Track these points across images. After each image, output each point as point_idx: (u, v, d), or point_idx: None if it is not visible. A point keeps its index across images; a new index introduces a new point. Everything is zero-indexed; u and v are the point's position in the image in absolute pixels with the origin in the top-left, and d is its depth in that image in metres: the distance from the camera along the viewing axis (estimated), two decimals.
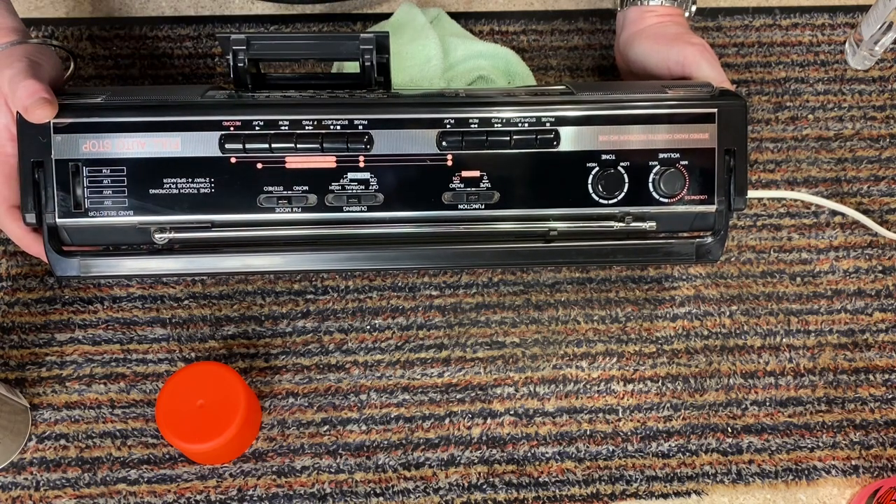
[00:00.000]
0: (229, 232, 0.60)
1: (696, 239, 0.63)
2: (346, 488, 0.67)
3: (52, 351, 0.71)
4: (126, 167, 0.59)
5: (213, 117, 0.59)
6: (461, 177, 0.61)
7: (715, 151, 0.62)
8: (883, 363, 0.72)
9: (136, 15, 0.87)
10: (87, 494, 0.66)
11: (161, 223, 0.60)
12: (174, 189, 0.60)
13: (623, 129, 0.61)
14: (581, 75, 0.84)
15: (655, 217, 0.63)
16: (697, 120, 0.61)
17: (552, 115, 0.60)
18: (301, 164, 0.60)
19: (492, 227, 0.62)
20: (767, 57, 0.86)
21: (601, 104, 0.61)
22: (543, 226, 0.62)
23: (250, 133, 0.59)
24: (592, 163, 0.61)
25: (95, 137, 0.59)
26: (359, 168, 0.60)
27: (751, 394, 0.71)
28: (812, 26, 0.87)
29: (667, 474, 0.68)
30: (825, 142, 0.81)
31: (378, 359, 0.71)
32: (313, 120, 0.59)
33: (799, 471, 0.68)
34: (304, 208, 0.60)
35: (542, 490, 0.67)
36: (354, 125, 0.59)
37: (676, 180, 0.61)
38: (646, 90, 0.64)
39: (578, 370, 0.71)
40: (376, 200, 0.60)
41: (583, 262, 0.69)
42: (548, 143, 0.60)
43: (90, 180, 0.60)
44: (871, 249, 0.77)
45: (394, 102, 0.61)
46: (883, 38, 0.81)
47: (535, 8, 0.88)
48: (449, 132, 0.60)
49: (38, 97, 0.58)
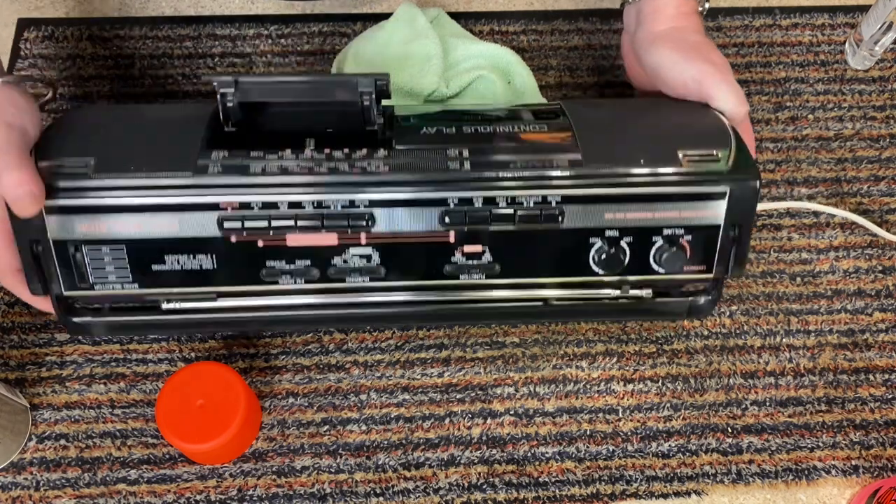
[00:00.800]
0: (234, 301, 0.62)
1: (689, 298, 0.65)
2: (346, 488, 0.67)
3: (52, 351, 0.71)
4: (126, 246, 0.59)
5: (209, 199, 0.57)
6: (463, 251, 0.61)
7: (721, 228, 0.61)
8: (883, 363, 0.72)
9: (136, 15, 0.87)
10: (87, 494, 0.66)
11: (167, 294, 0.62)
12: (176, 265, 0.60)
13: (631, 206, 0.60)
14: (581, 75, 0.84)
15: (652, 284, 0.64)
16: (708, 198, 0.60)
17: (559, 193, 0.59)
18: (302, 242, 0.59)
19: (490, 294, 0.63)
20: (767, 57, 0.86)
21: (610, 181, 0.59)
22: (541, 294, 0.64)
23: (249, 214, 0.58)
24: (595, 238, 0.61)
25: (90, 219, 0.58)
26: (360, 244, 0.60)
27: (751, 394, 0.71)
28: (812, 26, 0.87)
29: (667, 474, 0.68)
30: (825, 142, 0.81)
31: (378, 359, 0.71)
32: (313, 201, 0.58)
33: (799, 471, 0.68)
34: (307, 280, 0.61)
35: (542, 490, 0.67)
36: (356, 205, 0.58)
37: (678, 259, 0.61)
38: (653, 119, 0.61)
39: (578, 370, 0.71)
40: (378, 273, 0.61)
41: (577, 319, 0.70)
42: (552, 220, 0.59)
43: (91, 258, 0.60)
44: (870, 250, 0.77)
45: (396, 181, 0.58)
46: (883, 38, 0.81)
47: (535, 8, 0.88)
48: (452, 210, 0.59)
49: (25, 190, 0.54)
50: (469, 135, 0.61)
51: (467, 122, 0.62)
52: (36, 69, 0.82)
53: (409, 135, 0.60)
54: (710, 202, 0.60)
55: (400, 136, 0.60)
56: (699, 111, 0.63)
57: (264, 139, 0.60)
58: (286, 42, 0.85)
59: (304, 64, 0.83)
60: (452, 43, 0.78)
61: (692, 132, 0.61)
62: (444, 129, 0.61)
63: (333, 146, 0.59)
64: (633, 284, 0.63)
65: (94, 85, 0.82)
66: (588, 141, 0.60)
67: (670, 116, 0.64)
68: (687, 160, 0.59)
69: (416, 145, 0.59)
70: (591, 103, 0.64)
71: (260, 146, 0.59)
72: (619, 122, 0.63)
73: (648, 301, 0.65)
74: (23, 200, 0.54)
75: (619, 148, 0.60)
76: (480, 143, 0.60)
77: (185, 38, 0.84)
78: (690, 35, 0.66)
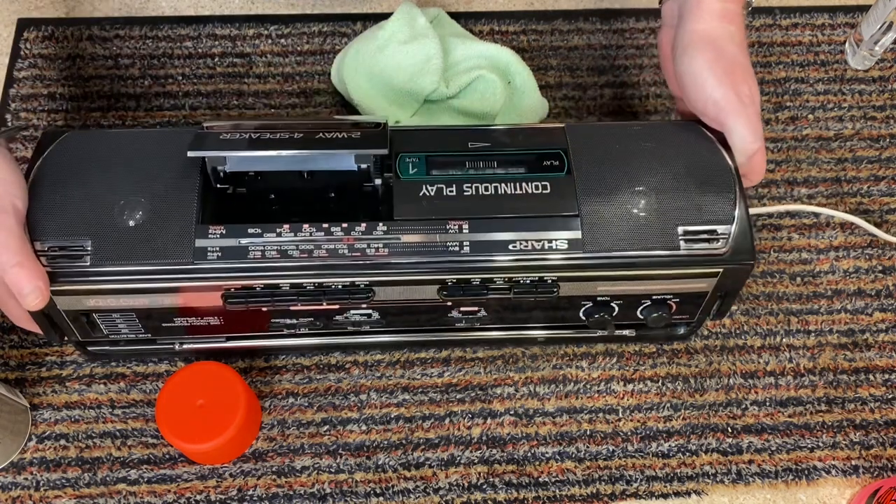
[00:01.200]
0: (242, 342, 0.68)
1: (669, 329, 0.70)
2: (346, 488, 0.67)
3: (52, 351, 0.71)
4: (135, 313, 0.61)
5: (210, 283, 0.58)
6: (460, 310, 0.64)
7: (708, 294, 0.63)
8: (883, 363, 0.72)
9: (136, 15, 0.87)
10: (87, 494, 0.66)
11: (179, 340, 0.67)
12: (185, 323, 0.63)
13: (625, 282, 0.61)
14: (581, 75, 0.84)
15: (636, 327, 0.69)
16: (700, 276, 0.60)
17: (556, 275, 0.59)
18: (305, 308, 0.62)
19: (484, 336, 0.69)
20: (767, 57, 0.86)
21: (608, 262, 0.59)
22: (531, 334, 0.69)
23: (252, 293, 0.59)
24: (587, 301, 0.63)
25: (96, 297, 0.59)
26: (361, 308, 0.63)
27: (751, 394, 0.71)
28: (812, 26, 0.87)
29: (667, 474, 0.68)
30: (825, 142, 0.81)
31: (378, 359, 0.71)
32: (313, 283, 0.59)
33: (799, 471, 0.68)
34: (311, 329, 0.65)
35: (542, 490, 0.67)
36: (356, 285, 0.59)
37: (664, 318, 0.64)
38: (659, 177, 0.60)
39: (578, 370, 0.71)
40: (379, 325, 0.65)
41: (566, 346, 0.73)
42: (548, 293, 0.61)
43: (103, 320, 0.62)
44: (870, 249, 0.77)
45: (395, 263, 0.58)
46: (883, 38, 0.81)
47: (535, 8, 0.88)
48: (451, 287, 0.60)
49: (32, 286, 0.54)
50: (470, 199, 0.59)
51: (469, 178, 0.60)
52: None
53: (409, 199, 0.59)
54: (701, 279, 0.61)
55: (399, 199, 0.59)
56: (712, 158, 0.61)
57: (259, 208, 0.60)
58: (286, 42, 0.85)
59: (304, 64, 0.83)
60: (452, 43, 0.78)
61: (696, 203, 0.60)
62: (445, 188, 0.60)
63: (331, 219, 0.58)
64: (617, 326, 0.67)
65: (94, 85, 0.82)
66: (590, 214, 0.59)
67: (678, 167, 0.61)
68: (686, 238, 0.59)
69: (416, 217, 0.59)
70: (597, 147, 0.62)
71: (255, 218, 0.59)
72: (622, 179, 0.61)
73: (631, 337, 0.70)
74: (31, 296, 0.54)
75: (618, 228, 0.59)
76: (480, 213, 0.59)
77: (185, 38, 0.84)
78: (729, 47, 0.62)
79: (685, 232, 0.59)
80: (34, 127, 0.79)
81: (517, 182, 0.60)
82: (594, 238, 0.59)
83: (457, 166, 0.61)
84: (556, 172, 0.61)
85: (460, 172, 0.60)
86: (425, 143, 0.62)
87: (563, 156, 0.61)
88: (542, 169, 0.61)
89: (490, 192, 0.60)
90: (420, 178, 0.60)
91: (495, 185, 0.60)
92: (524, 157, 0.61)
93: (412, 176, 0.60)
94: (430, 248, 0.58)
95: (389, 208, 0.59)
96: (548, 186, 0.60)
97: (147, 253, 0.57)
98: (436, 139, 0.63)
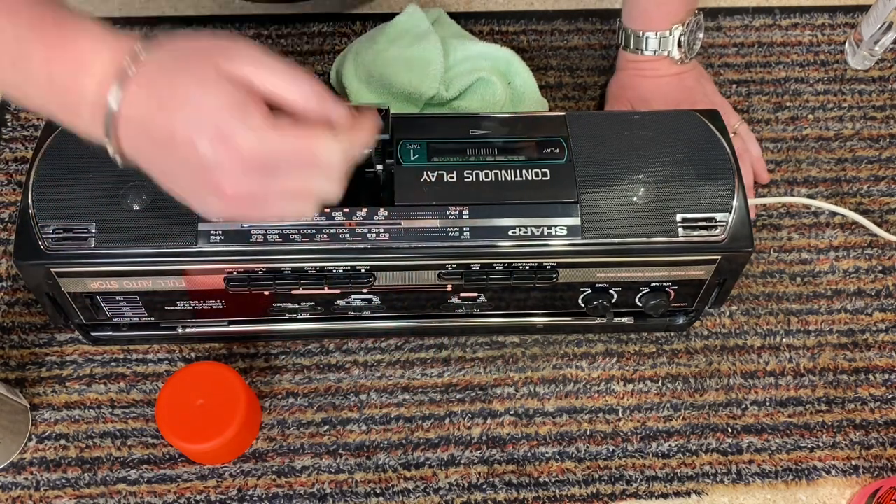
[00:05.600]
0: (244, 326, 0.68)
1: (668, 318, 0.70)
2: (346, 488, 0.67)
3: (52, 351, 0.71)
4: (138, 296, 0.61)
5: (213, 265, 0.59)
6: (459, 296, 0.64)
7: (706, 282, 0.63)
8: (883, 363, 0.72)
9: (136, 15, 0.87)
10: (87, 494, 0.66)
11: (182, 323, 0.67)
12: (188, 306, 0.63)
13: (623, 269, 0.61)
14: (581, 75, 0.84)
15: (635, 315, 0.69)
16: (699, 263, 0.61)
17: (555, 261, 0.60)
18: (306, 293, 0.62)
19: (484, 322, 0.69)
20: (767, 57, 0.86)
21: (607, 249, 0.59)
22: (531, 321, 0.69)
23: (254, 276, 0.59)
24: (586, 288, 0.63)
25: (101, 279, 0.59)
26: (362, 293, 0.63)
27: (751, 394, 0.71)
28: (812, 26, 0.87)
29: (667, 474, 0.68)
30: (825, 142, 0.81)
31: (378, 359, 0.71)
32: (315, 267, 0.59)
33: (799, 471, 0.68)
34: (312, 313, 0.65)
35: (542, 490, 0.67)
36: (357, 269, 0.60)
37: (662, 305, 0.64)
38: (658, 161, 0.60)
39: (578, 370, 0.71)
40: (379, 310, 0.65)
41: (565, 335, 0.73)
42: (547, 279, 0.61)
43: (107, 303, 0.62)
44: (870, 249, 0.77)
45: (396, 248, 0.58)
46: (883, 38, 0.81)
47: (535, 8, 0.88)
48: (450, 272, 0.60)
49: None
50: (470, 185, 0.60)
51: (470, 164, 0.60)
52: None
53: (410, 185, 0.59)
54: (700, 266, 0.61)
55: (400, 185, 0.59)
56: (711, 147, 0.62)
57: None
58: (286, 42, 0.85)
59: (304, 64, 0.83)
60: (453, 44, 0.77)
61: (695, 190, 0.60)
62: (446, 174, 0.60)
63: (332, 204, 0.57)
64: (616, 314, 0.67)
65: None
66: (589, 201, 0.59)
67: (677, 155, 0.61)
68: (684, 225, 0.59)
69: (417, 203, 0.59)
70: (597, 135, 0.62)
71: None
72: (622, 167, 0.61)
73: (630, 324, 0.70)
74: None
75: (618, 215, 0.59)
76: (481, 200, 0.59)
77: None
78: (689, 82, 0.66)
79: (684, 219, 0.59)
80: (34, 127, 0.79)
81: (517, 169, 0.60)
82: (593, 225, 0.59)
83: (458, 153, 0.61)
84: (557, 160, 0.61)
85: (461, 159, 0.61)
86: (426, 129, 0.62)
87: (563, 143, 0.62)
88: (542, 156, 0.61)
89: (490, 178, 0.60)
90: (421, 165, 0.60)
91: (496, 171, 0.60)
92: (525, 144, 0.62)
93: (413, 162, 0.60)
94: (431, 233, 0.58)
95: (391, 194, 0.59)
96: (548, 173, 0.60)
97: (150, 236, 0.57)
98: (437, 126, 0.63)
